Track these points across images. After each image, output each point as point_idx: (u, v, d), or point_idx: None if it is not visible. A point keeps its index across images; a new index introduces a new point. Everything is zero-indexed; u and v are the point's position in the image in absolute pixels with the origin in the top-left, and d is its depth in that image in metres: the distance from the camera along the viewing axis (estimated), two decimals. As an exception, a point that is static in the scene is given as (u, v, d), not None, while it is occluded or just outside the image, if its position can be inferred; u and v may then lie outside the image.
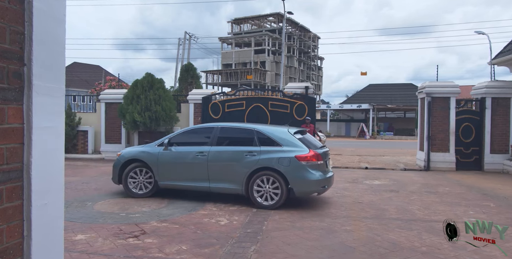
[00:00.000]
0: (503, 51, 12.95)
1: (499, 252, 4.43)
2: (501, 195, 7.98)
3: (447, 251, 4.45)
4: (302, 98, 12.84)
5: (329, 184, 6.76)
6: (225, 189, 6.72)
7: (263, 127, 6.98)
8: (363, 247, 4.56)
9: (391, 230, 5.26)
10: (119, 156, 7.60)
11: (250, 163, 6.46)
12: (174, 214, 6.03)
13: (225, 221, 5.62)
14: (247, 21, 64.23)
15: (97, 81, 29.29)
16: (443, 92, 12.15)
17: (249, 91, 14.26)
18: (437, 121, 12.09)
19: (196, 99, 13.50)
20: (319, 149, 6.76)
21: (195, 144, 7.14)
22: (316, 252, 4.38)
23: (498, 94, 12.10)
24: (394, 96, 40.19)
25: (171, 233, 5.01)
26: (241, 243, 4.64)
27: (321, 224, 5.55)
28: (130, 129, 13.13)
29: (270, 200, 6.38)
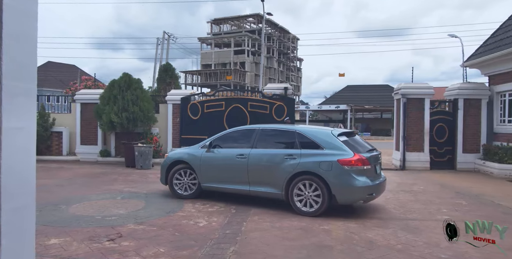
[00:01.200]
0: (475, 53, 13.42)
1: (471, 248, 4.58)
2: (472, 193, 8.25)
3: (422, 248, 4.56)
4: (281, 99, 12.91)
5: (378, 191, 6.27)
6: (265, 193, 6.48)
7: (306, 128, 6.74)
8: (341, 246, 4.62)
9: (368, 229, 5.35)
10: (166, 157, 7.72)
11: (290, 167, 6.15)
12: (151, 216, 5.94)
13: (204, 223, 5.59)
14: (226, 21, 64.09)
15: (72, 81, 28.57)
16: (418, 93, 12.47)
17: (228, 91, 14.24)
18: (412, 121, 12.40)
19: (175, 99, 13.37)
20: (367, 152, 6.28)
21: (236, 146, 6.95)
22: (295, 252, 4.41)
23: (470, 96, 12.51)
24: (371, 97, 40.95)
25: (148, 235, 4.94)
26: (220, 244, 4.62)
27: (300, 224, 5.59)
28: (107, 130, 12.87)
29: (310, 207, 6.02)
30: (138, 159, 11.66)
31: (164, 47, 40.81)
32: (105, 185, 8.75)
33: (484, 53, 12.54)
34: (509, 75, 11.75)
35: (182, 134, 13.09)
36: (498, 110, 12.37)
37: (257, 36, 56.61)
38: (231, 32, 62.57)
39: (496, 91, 12.40)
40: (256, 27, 60.99)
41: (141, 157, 11.63)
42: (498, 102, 12.39)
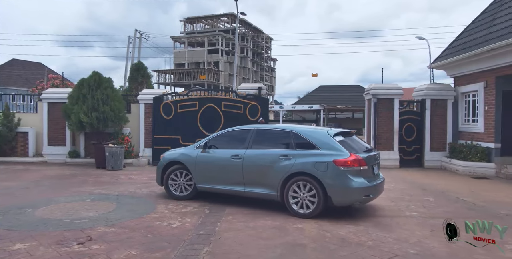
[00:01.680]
0: (441, 55, 13.93)
1: (438, 243, 4.76)
2: (439, 190, 8.57)
3: (391, 244, 4.69)
4: (255, 99, 12.93)
5: (376, 193, 6.15)
6: (260, 194, 6.38)
7: (301, 128, 6.57)
8: (314, 244, 4.68)
9: (340, 227, 5.45)
10: (162, 158, 7.58)
11: (285, 168, 6.04)
12: (123, 218, 5.81)
13: (177, 224, 5.52)
14: (200, 20, 63.56)
15: (38, 79, 27.51)
16: (388, 93, 12.81)
17: (202, 91, 14.12)
18: (382, 121, 12.72)
19: (147, 99, 13.14)
20: (364, 153, 6.17)
21: (231, 146, 6.82)
22: (268, 251, 4.43)
23: (436, 96, 12.98)
24: (343, 97, 41.68)
25: (120, 238, 4.83)
26: (194, 245, 4.58)
27: (273, 223, 5.62)
28: (76, 130, 12.49)
29: (306, 209, 5.90)
30: (109, 160, 11.38)
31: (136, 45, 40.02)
32: (74, 187, 8.49)
33: (450, 55, 13.04)
34: (472, 77, 12.27)
35: (155, 134, 12.89)
36: (463, 110, 12.89)
37: (231, 36, 56.47)
38: (204, 31, 62.11)
39: (461, 91, 12.92)
40: (230, 27, 60.83)
41: (112, 157, 11.36)
42: (462, 102, 12.91)
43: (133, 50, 39.63)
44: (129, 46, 39.82)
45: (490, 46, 10.36)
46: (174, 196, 7.21)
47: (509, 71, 10.56)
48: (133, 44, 39.75)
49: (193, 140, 12.60)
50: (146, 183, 9.02)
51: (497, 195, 8.03)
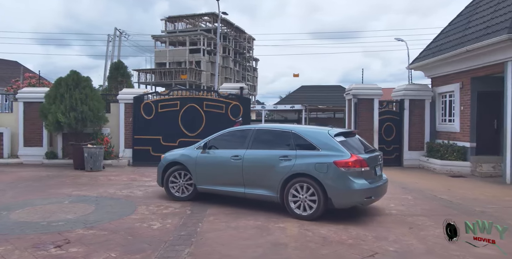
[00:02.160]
0: (419, 57, 14.24)
1: (416, 240, 4.87)
2: (417, 189, 8.77)
3: (371, 242, 4.77)
4: (237, 99, 12.93)
5: (377, 195, 6.00)
6: (260, 195, 6.26)
7: (301, 128, 6.50)
8: (295, 243, 4.72)
9: (321, 226, 5.50)
10: (162, 158, 7.50)
11: (284, 169, 5.92)
12: (102, 220, 5.71)
13: (158, 225, 5.46)
14: (181, 19, 63.01)
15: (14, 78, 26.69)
16: (368, 94, 13.02)
17: (183, 91, 14.04)
18: (362, 121, 12.92)
19: (127, 98, 12.94)
20: (366, 153, 6.04)
21: (231, 147, 6.70)
22: (250, 251, 4.44)
23: (414, 96, 13.27)
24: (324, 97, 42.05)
25: (99, 240, 4.74)
26: (175, 246, 4.55)
27: (255, 223, 5.64)
28: (53, 130, 12.18)
29: (306, 210, 5.78)
30: (87, 160, 11.16)
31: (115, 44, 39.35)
32: (51, 188, 8.28)
33: (427, 57, 13.36)
34: (449, 77, 12.60)
35: (135, 134, 12.71)
36: (440, 110, 13.22)
37: (213, 35, 56.22)
38: (186, 30, 61.60)
39: (438, 92, 13.25)
40: (212, 26, 60.53)
41: (91, 158, 11.14)
42: (439, 103, 13.25)
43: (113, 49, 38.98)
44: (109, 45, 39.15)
45: (466, 48, 10.67)
46: (174, 197, 7.12)
47: (483, 72, 10.89)
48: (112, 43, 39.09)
49: (174, 141, 12.56)
50: (126, 184, 8.89)
51: (472, 193, 8.27)
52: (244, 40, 69.72)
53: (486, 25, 10.58)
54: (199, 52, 57.48)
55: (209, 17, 61.89)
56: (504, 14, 10.05)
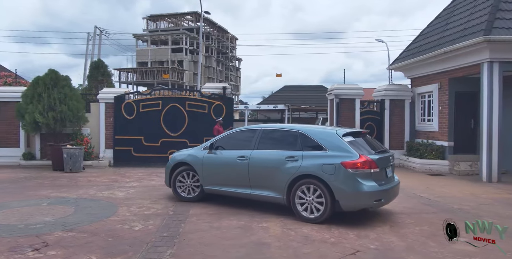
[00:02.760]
0: (399, 58, 14.51)
1: (396, 238, 4.96)
2: (397, 187, 8.91)
3: (353, 241, 4.83)
4: (220, 99, 12.89)
5: (388, 197, 5.80)
6: (266, 197, 6.11)
7: (308, 128, 6.31)
8: (278, 242, 4.73)
9: (304, 225, 5.54)
10: (170, 158, 7.43)
11: (291, 170, 5.75)
12: (82, 222, 5.59)
13: (139, 226, 5.39)
14: (163, 18, 62.33)
15: (-11, 77, 25.85)
16: (349, 94, 13.19)
17: (165, 90, 13.90)
18: (344, 120, 13.07)
19: (108, 98, 12.73)
20: (376, 154, 5.80)
21: (238, 147, 6.57)
22: (233, 251, 4.43)
23: (395, 96, 13.52)
24: (307, 97, 42.33)
25: (78, 243, 4.64)
26: (157, 247, 4.50)
27: (239, 223, 5.63)
28: (31, 131, 11.87)
29: (313, 213, 5.62)
30: (67, 161, 10.92)
31: (95, 42, 38.63)
32: (29, 190, 8.07)
33: (407, 58, 13.62)
34: (427, 78, 12.88)
35: (116, 134, 12.51)
36: (419, 110, 13.50)
37: (195, 35, 55.84)
38: (168, 29, 60.98)
39: (417, 92, 13.53)
40: (195, 25, 60.11)
41: (70, 159, 10.91)
42: (419, 103, 13.53)
43: (93, 47, 38.24)
44: (89, 43, 38.39)
45: (444, 49, 10.92)
46: (182, 198, 7.05)
47: (460, 73, 11.18)
48: (92, 41, 38.36)
49: (156, 141, 12.44)
50: (107, 185, 8.75)
51: (450, 191, 8.48)
52: (227, 40, 69.54)
53: (463, 27, 10.86)
54: (181, 52, 57.00)
55: (192, 16, 61.45)
56: (480, 16, 10.34)
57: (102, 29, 39.70)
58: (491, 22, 9.58)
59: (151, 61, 56.86)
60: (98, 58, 29.42)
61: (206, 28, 59.72)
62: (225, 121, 12.43)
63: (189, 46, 57.56)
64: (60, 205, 6.70)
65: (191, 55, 58.26)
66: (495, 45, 9.46)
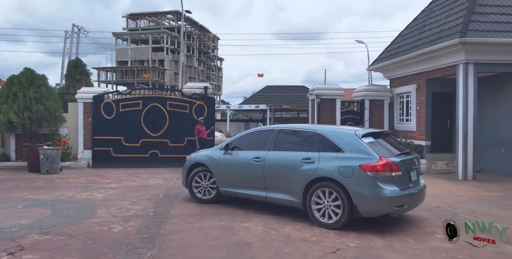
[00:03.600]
0: (378, 59, 14.76)
1: (376, 236, 5.03)
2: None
3: (333, 239, 4.88)
4: (202, 98, 12.81)
5: (412, 203, 5.43)
6: (282, 200, 5.87)
7: (326, 128, 5.96)
8: (260, 242, 4.74)
9: (285, 224, 5.56)
10: (187, 159, 7.33)
11: (306, 172, 5.50)
12: (60, 224, 5.46)
13: (119, 228, 5.30)
14: (144, 17, 61.43)
15: (-40, 75, 24.98)
16: (330, 94, 13.34)
17: (146, 90, 13.70)
18: (325, 120, 13.20)
19: (86, 98, 12.47)
20: (398, 156, 5.47)
21: (253, 148, 6.39)
22: (215, 251, 4.41)
23: (374, 97, 13.74)
24: (289, 97, 42.60)
25: (56, 246, 4.53)
26: (137, 249, 4.43)
27: (220, 223, 5.61)
28: (5, 131, 11.51)
29: (329, 218, 5.33)
30: (43, 162, 10.64)
31: (73, 41, 37.75)
32: (3, 193, 7.82)
33: (385, 59, 13.87)
34: (405, 79, 13.15)
35: (95, 134, 12.27)
36: (398, 110, 13.77)
37: (176, 34, 55.30)
38: (149, 28, 60.16)
39: (396, 93, 13.79)
40: (176, 25, 59.53)
41: (47, 160, 10.63)
42: (397, 103, 13.79)
43: (71, 45, 37.36)
44: (66, 42, 37.48)
45: (421, 51, 11.18)
46: (198, 199, 6.95)
47: (437, 74, 11.46)
48: (70, 40, 37.46)
49: (136, 141, 12.26)
50: (86, 187, 8.57)
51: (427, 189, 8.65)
52: (209, 39, 69.18)
53: (440, 30, 11.14)
54: (162, 51, 56.35)
55: (173, 15, 60.83)
56: (456, 19, 10.63)
57: (80, 27, 38.84)
58: (467, 25, 9.86)
59: (131, 60, 56.00)
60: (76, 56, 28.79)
61: (188, 27, 59.25)
62: (206, 121, 12.38)
63: (170, 45, 56.97)
64: (37, 207, 6.52)
65: (172, 54, 57.68)
66: (470, 47, 9.74)
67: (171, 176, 10.40)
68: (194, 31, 63.41)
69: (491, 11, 10.40)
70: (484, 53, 9.90)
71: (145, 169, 11.69)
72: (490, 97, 10.97)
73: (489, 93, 10.96)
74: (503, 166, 10.53)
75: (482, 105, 10.65)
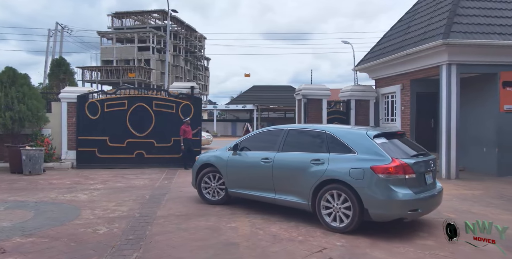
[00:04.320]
0: (363, 59, 14.92)
1: (362, 235, 5.08)
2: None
3: (320, 238, 4.92)
4: (188, 98, 12.74)
5: (426, 207, 5.18)
6: (290, 202, 5.72)
7: (337, 129, 5.82)
8: (247, 242, 4.74)
9: (272, 223, 5.58)
10: (197, 159, 7.22)
11: (316, 174, 5.33)
12: (43, 226, 5.36)
13: (104, 230, 5.23)
14: (129, 16, 60.71)
15: None
16: (317, 94, 13.42)
17: (131, 90, 13.55)
18: (312, 120, 13.28)
19: (70, 97, 12.26)
20: (413, 157, 5.27)
21: (262, 148, 6.27)
22: (202, 252, 4.39)
23: (360, 97, 13.89)
24: (276, 97, 42.73)
25: (38, 248, 4.44)
26: (122, 251, 4.38)
27: (207, 223, 5.59)
28: (-14, 131, 11.24)
29: (340, 222, 5.14)
30: (26, 163, 10.42)
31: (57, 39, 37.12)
32: (-17, 195, 7.63)
33: (371, 59, 14.03)
34: (390, 79, 13.33)
35: (79, 135, 12.08)
36: (383, 110, 13.95)
37: (162, 33, 54.83)
38: (134, 27, 59.48)
39: (381, 93, 13.97)
40: (162, 24, 59.02)
41: (29, 161, 10.42)
42: (383, 103, 13.97)
43: (54, 44, 36.75)
44: (50, 40, 36.85)
45: (405, 51, 11.34)
46: (207, 200, 6.87)
47: (421, 75, 11.65)
48: (54, 38, 36.85)
49: (122, 141, 12.12)
50: (70, 188, 8.43)
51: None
52: (195, 39, 68.81)
53: (423, 31, 11.32)
54: (148, 50, 55.78)
55: (159, 14, 60.30)
56: (439, 21, 10.82)
57: (64, 26, 38.25)
58: (449, 26, 10.04)
59: (116, 60, 55.29)
60: (59, 55, 28.29)
61: (174, 27, 58.81)
62: (193, 121, 12.32)
63: (156, 44, 56.46)
64: (19, 209, 6.39)
65: (158, 53, 57.19)
66: (453, 48, 9.93)
67: (157, 176, 10.31)
68: (181, 31, 63.00)
69: (473, 13, 10.62)
70: (467, 54, 10.10)
71: (130, 169, 11.56)
72: (472, 97, 11.20)
73: (472, 93, 11.19)
74: (485, 165, 10.76)
75: (465, 105, 10.87)
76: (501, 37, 10.03)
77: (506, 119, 10.32)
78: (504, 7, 11.10)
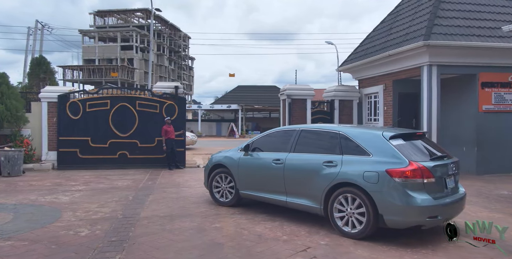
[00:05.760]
0: (347, 60, 15.08)
1: (345, 233, 5.13)
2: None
3: (304, 237, 4.95)
4: (172, 98, 12.63)
5: (447, 213, 4.77)
6: (302, 206, 5.51)
7: (351, 129, 5.52)
8: (231, 242, 4.73)
9: (257, 223, 5.58)
10: (209, 160, 7.15)
11: (328, 176, 5.10)
12: (22, 229, 5.23)
13: (86, 232, 5.14)
14: (112, 14, 59.79)
15: None
16: (301, 94, 13.49)
17: (114, 89, 13.35)
18: (296, 120, 13.34)
19: (51, 97, 12.00)
20: (432, 160, 4.92)
21: (274, 149, 6.09)
22: (186, 253, 4.36)
23: (343, 97, 14.03)
24: (260, 97, 42.81)
25: (18, 252, 4.34)
26: (105, 253, 4.31)
27: (191, 224, 5.55)
28: (-38, 132, 10.91)
29: (355, 227, 4.86)
30: (5, 165, 10.16)
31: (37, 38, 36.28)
32: (-41, 197, 7.40)
33: (354, 60, 14.19)
34: (373, 80, 13.51)
35: (60, 135, 11.83)
36: (366, 110, 14.12)
37: (146, 32, 54.18)
38: (117, 26, 58.59)
39: (364, 93, 14.14)
40: (145, 23, 58.36)
41: (8, 162, 10.15)
42: (366, 103, 14.15)
43: (34, 43, 35.89)
44: (29, 39, 35.98)
45: (388, 52, 11.51)
46: (218, 201, 6.78)
47: (403, 75, 11.84)
48: (33, 36, 35.99)
49: (104, 142, 11.93)
50: (50, 189, 8.25)
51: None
52: (180, 38, 68.29)
53: (405, 32, 11.52)
54: (131, 49, 55.07)
55: (142, 13, 59.61)
56: (420, 22, 11.03)
57: (44, 24, 37.42)
58: (430, 28, 10.24)
59: (98, 59, 54.38)
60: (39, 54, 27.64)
61: (158, 26, 58.23)
62: (177, 121, 12.23)
63: (140, 43, 55.77)
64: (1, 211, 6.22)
65: (142, 53, 56.52)
66: (434, 49, 10.13)
67: (140, 177, 10.19)
68: (165, 30, 62.42)
69: (453, 16, 10.86)
70: (447, 55, 10.33)
71: (113, 170, 11.40)
72: (453, 98, 11.45)
73: (452, 93, 11.44)
74: (465, 164, 10.94)
75: (445, 105, 11.10)
76: (479, 39, 10.29)
77: (485, 119, 10.59)
78: (483, 10, 11.39)
